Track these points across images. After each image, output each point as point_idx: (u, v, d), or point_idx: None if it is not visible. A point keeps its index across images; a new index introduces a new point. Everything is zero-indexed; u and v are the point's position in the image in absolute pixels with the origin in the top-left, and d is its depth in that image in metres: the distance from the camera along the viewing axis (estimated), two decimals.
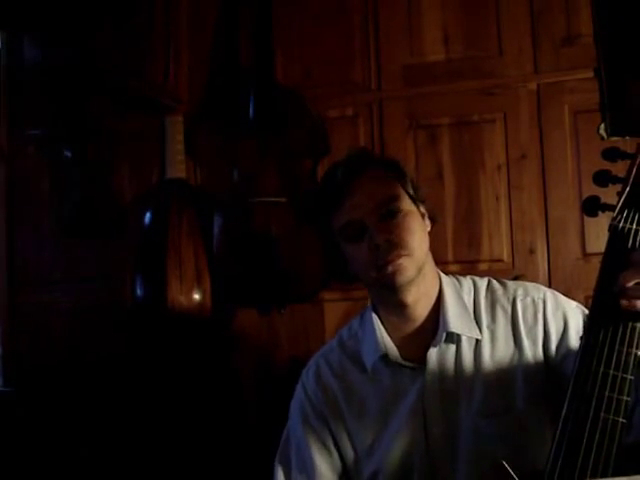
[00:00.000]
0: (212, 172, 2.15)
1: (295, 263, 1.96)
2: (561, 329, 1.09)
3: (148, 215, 2.08)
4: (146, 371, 2.11)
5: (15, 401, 2.23)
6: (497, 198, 1.99)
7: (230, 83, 2.16)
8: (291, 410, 1.23)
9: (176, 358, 2.08)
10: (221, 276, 2.02)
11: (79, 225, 2.23)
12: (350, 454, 1.14)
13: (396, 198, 1.10)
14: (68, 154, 2.26)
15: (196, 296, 1.99)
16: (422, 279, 1.11)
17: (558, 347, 1.08)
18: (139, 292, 2.01)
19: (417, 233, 1.10)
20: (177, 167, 2.09)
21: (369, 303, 1.21)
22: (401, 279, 1.06)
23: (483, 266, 1.98)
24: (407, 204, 1.12)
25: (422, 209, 1.16)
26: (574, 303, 1.14)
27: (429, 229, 1.16)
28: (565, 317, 1.10)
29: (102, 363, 2.15)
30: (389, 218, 1.08)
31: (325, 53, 2.13)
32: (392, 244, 1.06)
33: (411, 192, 1.14)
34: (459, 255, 2.00)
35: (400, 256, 1.06)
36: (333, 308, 2.05)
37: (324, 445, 1.15)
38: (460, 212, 2.01)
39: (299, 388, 1.23)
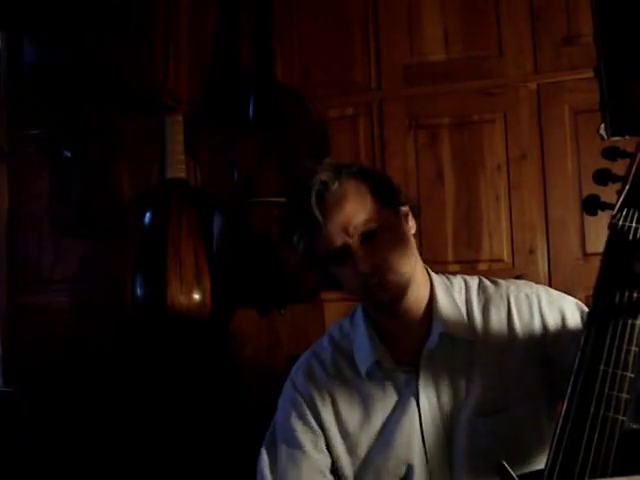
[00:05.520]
0: (212, 172, 2.15)
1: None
2: (559, 321, 1.08)
3: (148, 215, 2.08)
4: (146, 371, 2.11)
5: (15, 401, 2.23)
6: (497, 198, 1.99)
7: (230, 83, 2.16)
8: (280, 406, 1.21)
9: (176, 358, 2.08)
10: (221, 276, 2.02)
11: (79, 225, 2.24)
12: (343, 451, 1.13)
13: (373, 216, 1.05)
14: (68, 154, 2.26)
15: (196, 296, 1.99)
16: (412, 287, 1.09)
17: (557, 340, 1.06)
18: (139, 292, 2.01)
19: (400, 247, 1.06)
20: (177, 167, 2.09)
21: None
22: (389, 297, 1.06)
23: (483, 266, 1.98)
24: (385, 216, 1.07)
25: (403, 210, 1.11)
26: (568, 297, 1.13)
27: (414, 230, 1.12)
28: (562, 310, 1.09)
29: (102, 363, 2.16)
30: (370, 239, 1.04)
31: (325, 53, 2.14)
32: (376, 267, 1.03)
33: (387, 197, 1.09)
34: (459, 255, 1.99)
35: (386, 276, 1.04)
36: (333, 308, 2.05)
37: (315, 439, 1.14)
38: (460, 212, 2.01)
39: (288, 386, 1.21)
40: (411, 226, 1.12)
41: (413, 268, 1.08)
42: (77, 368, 2.18)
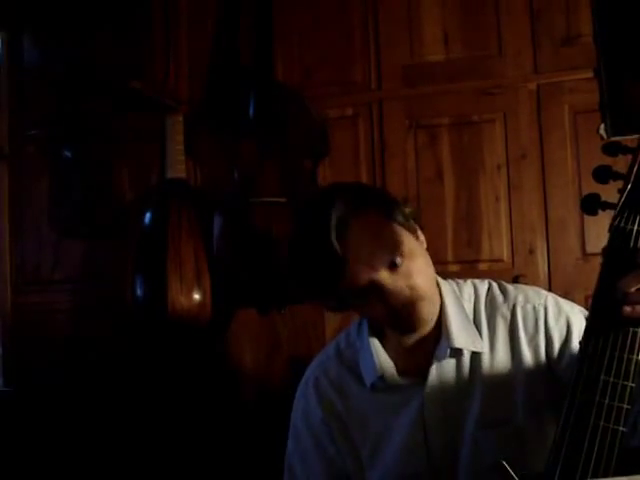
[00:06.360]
0: (212, 172, 2.15)
1: None
2: (564, 335, 1.05)
3: (148, 215, 2.08)
4: (146, 371, 2.11)
5: (15, 401, 2.23)
6: (497, 198, 1.99)
7: (230, 83, 2.15)
8: (293, 423, 1.21)
9: (176, 358, 2.08)
10: (221, 276, 2.02)
11: (79, 225, 2.23)
12: (352, 464, 1.13)
13: (395, 244, 1.01)
14: (68, 154, 2.26)
15: (196, 296, 1.99)
16: (431, 302, 1.07)
17: (561, 354, 1.04)
18: (139, 292, 2.01)
19: (425, 269, 1.04)
20: (177, 167, 2.08)
21: None
22: (419, 321, 1.05)
23: (483, 266, 1.98)
24: (405, 240, 1.03)
25: (413, 227, 1.07)
26: (577, 307, 1.10)
27: (425, 245, 1.09)
28: (568, 323, 1.06)
29: (102, 363, 2.15)
30: (396, 269, 1.00)
31: (325, 53, 2.13)
32: (407, 298, 1.00)
33: (401, 219, 1.04)
34: (459, 255, 1.99)
35: (417, 304, 1.02)
36: None
37: (330, 457, 1.14)
38: (460, 212, 2.01)
39: (300, 402, 1.20)
40: (422, 241, 1.09)
41: (434, 286, 1.07)
42: (77, 368, 2.18)
